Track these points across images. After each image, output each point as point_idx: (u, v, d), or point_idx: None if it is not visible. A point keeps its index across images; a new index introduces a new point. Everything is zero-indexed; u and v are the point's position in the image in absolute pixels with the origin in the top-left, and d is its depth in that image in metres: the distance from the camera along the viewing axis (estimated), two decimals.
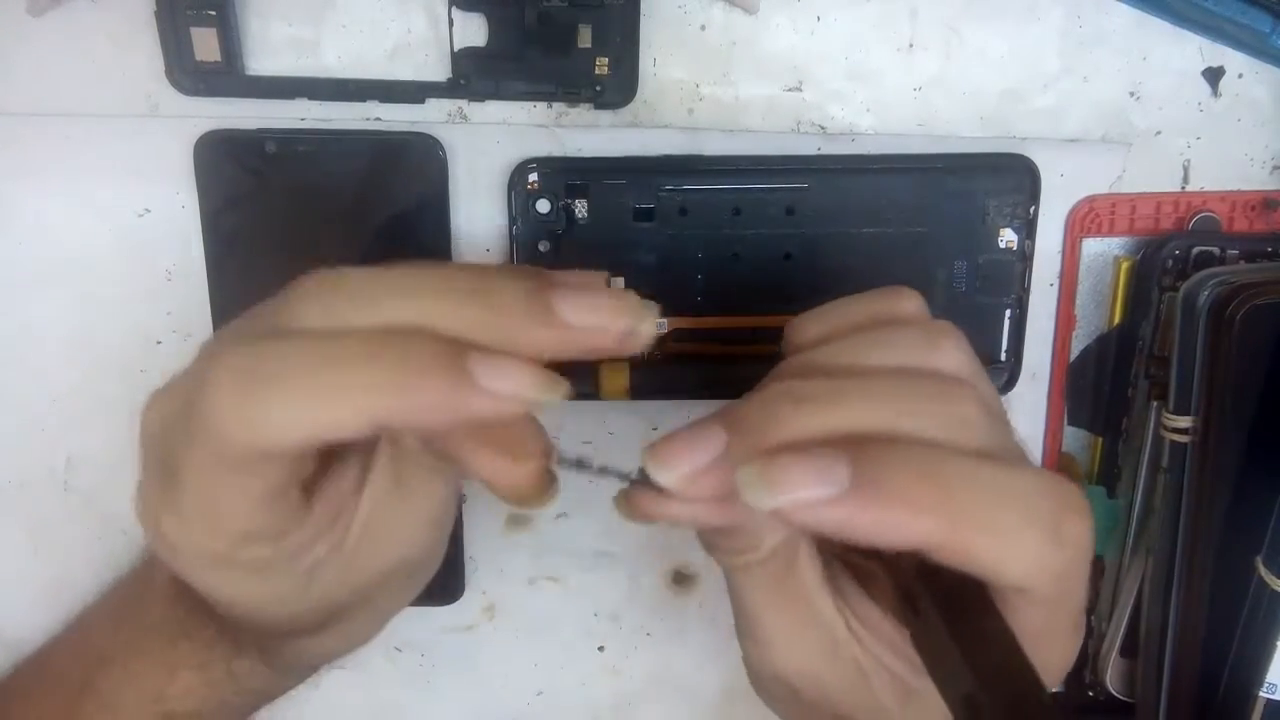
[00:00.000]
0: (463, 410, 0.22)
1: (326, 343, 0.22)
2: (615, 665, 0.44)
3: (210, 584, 0.27)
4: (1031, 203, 0.38)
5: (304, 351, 0.22)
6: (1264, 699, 0.37)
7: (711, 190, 0.37)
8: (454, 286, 0.23)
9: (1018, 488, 0.23)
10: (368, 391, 0.22)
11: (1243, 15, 0.36)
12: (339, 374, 0.22)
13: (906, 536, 0.22)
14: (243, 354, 0.22)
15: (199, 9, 0.34)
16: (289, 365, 0.22)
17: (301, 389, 0.22)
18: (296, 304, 0.23)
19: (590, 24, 0.35)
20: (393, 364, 0.22)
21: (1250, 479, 0.36)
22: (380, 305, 0.23)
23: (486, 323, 0.23)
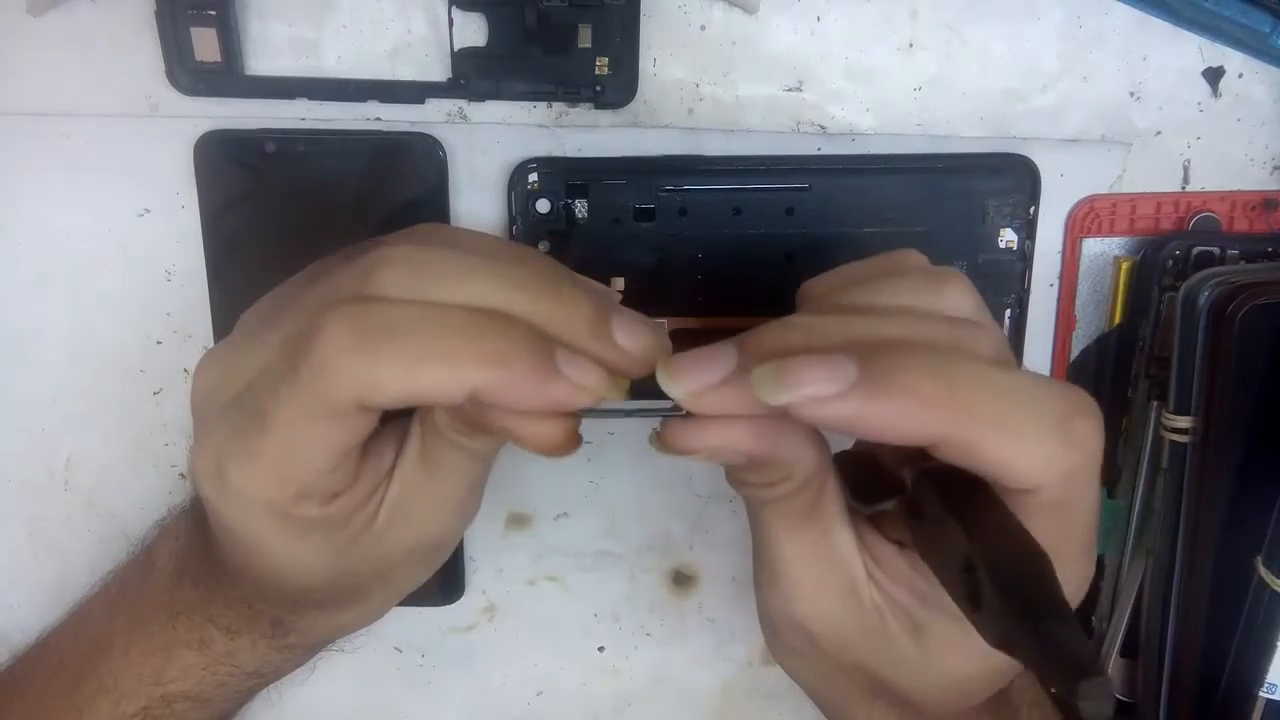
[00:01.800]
0: (545, 395, 0.24)
1: (436, 311, 0.24)
2: (615, 665, 0.44)
3: (259, 538, 0.28)
4: (1031, 203, 0.38)
5: (416, 318, 0.24)
6: (1264, 699, 0.37)
7: (711, 190, 0.37)
8: (531, 282, 0.25)
9: (1026, 387, 0.23)
10: (471, 362, 0.23)
11: (1243, 15, 0.36)
12: (448, 341, 0.24)
13: (915, 430, 0.23)
14: (357, 312, 0.24)
15: (199, 9, 0.34)
16: (403, 328, 0.24)
17: (413, 350, 0.23)
18: (382, 274, 0.25)
19: (590, 24, 0.35)
20: (495, 340, 0.24)
21: (1250, 479, 0.36)
22: (465, 287, 0.25)
23: (561, 322, 0.25)
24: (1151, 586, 0.39)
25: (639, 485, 0.42)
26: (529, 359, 0.24)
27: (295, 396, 0.24)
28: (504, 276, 0.25)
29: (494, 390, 0.24)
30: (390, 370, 0.23)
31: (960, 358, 0.24)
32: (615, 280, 0.38)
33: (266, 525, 0.27)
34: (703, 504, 0.42)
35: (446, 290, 0.25)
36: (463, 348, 0.24)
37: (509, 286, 0.25)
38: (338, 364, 0.24)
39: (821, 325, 0.25)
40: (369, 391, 0.24)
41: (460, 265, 0.25)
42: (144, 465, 0.40)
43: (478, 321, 0.24)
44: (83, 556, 0.40)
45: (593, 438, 0.41)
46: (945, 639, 0.28)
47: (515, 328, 0.24)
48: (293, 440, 0.25)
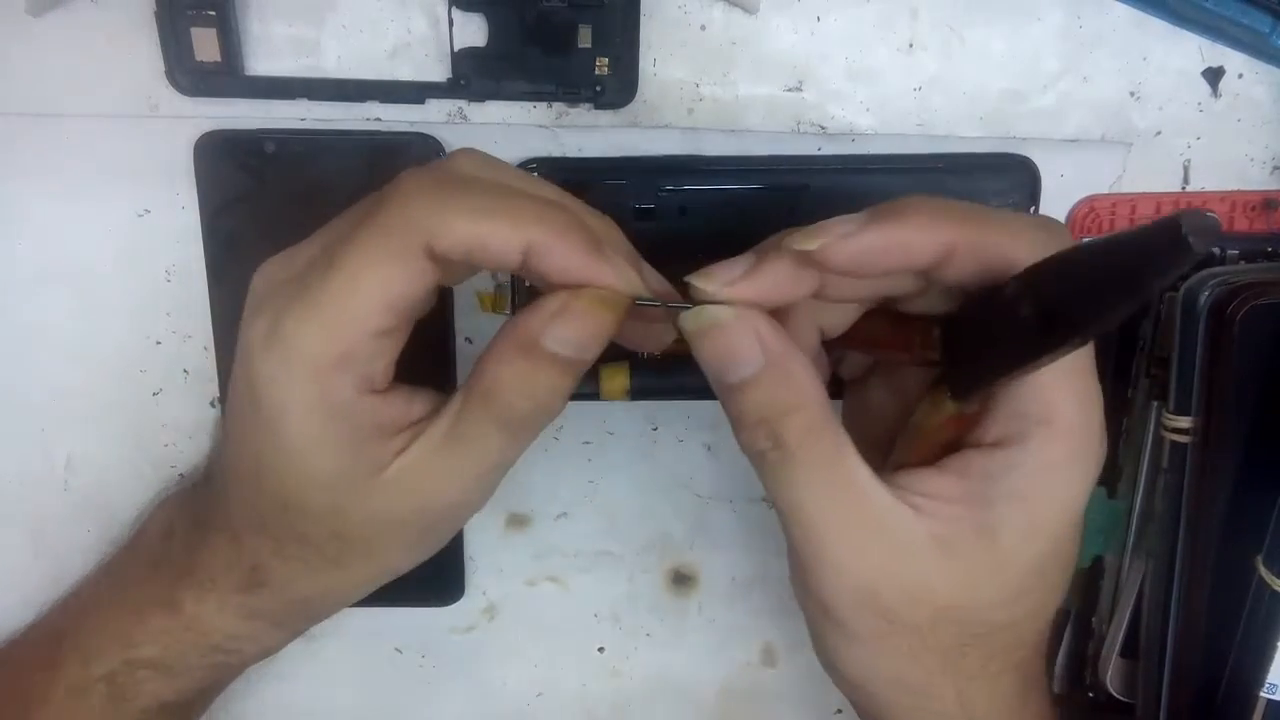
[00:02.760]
0: (592, 267, 0.27)
1: (499, 181, 0.28)
2: (615, 665, 0.44)
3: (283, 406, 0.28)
4: (1031, 203, 0.38)
5: (485, 179, 0.28)
6: (1264, 699, 0.37)
7: (711, 190, 0.37)
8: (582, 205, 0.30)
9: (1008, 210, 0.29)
10: (530, 220, 0.26)
11: (1243, 15, 0.36)
12: (511, 201, 0.27)
13: (930, 245, 0.26)
14: (429, 170, 0.28)
15: (199, 9, 0.34)
16: (472, 184, 0.27)
17: (483, 202, 0.27)
18: (460, 160, 0.29)
19: (590, 24, 0.35)
20: (554, 211, 0.27)
21: (1250, 479, 0.36)
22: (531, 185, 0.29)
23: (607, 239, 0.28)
24: (1151, 586, 0.39)
25: (639, 485, 0.42)
26: (582, 233, 0.27)
27: (369, 234, 0.26)
28: (561, 192, 0.30)
29: (549, 250, 0.26)
30: (460, 213, 0.26)
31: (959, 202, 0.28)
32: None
33: (303, 390, 0.27)
34: (703, 504, 0.42)
35: (514, 180, 0.29)
36: (526, 209, 0.27)
37: (564, 197, 0.29)
38: (415, 200, 0.26)
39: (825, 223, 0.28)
40: (439, 230, 0.26)
41: (525, 173, 0.30)
42: (144, 465, 0.40)
43: (540, 198, 0.28)
44: (83, 556, 0.40)
45: (592, 438, 0.41)
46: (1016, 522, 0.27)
47: (572, 212, 0.28)
48: (358, 278, 0.26)
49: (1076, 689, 0.43)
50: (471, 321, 0.39)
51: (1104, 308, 0.22)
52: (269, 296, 0.28)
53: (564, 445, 0.41)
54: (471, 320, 0.39)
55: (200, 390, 0.39)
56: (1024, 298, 0.24)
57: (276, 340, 0.27)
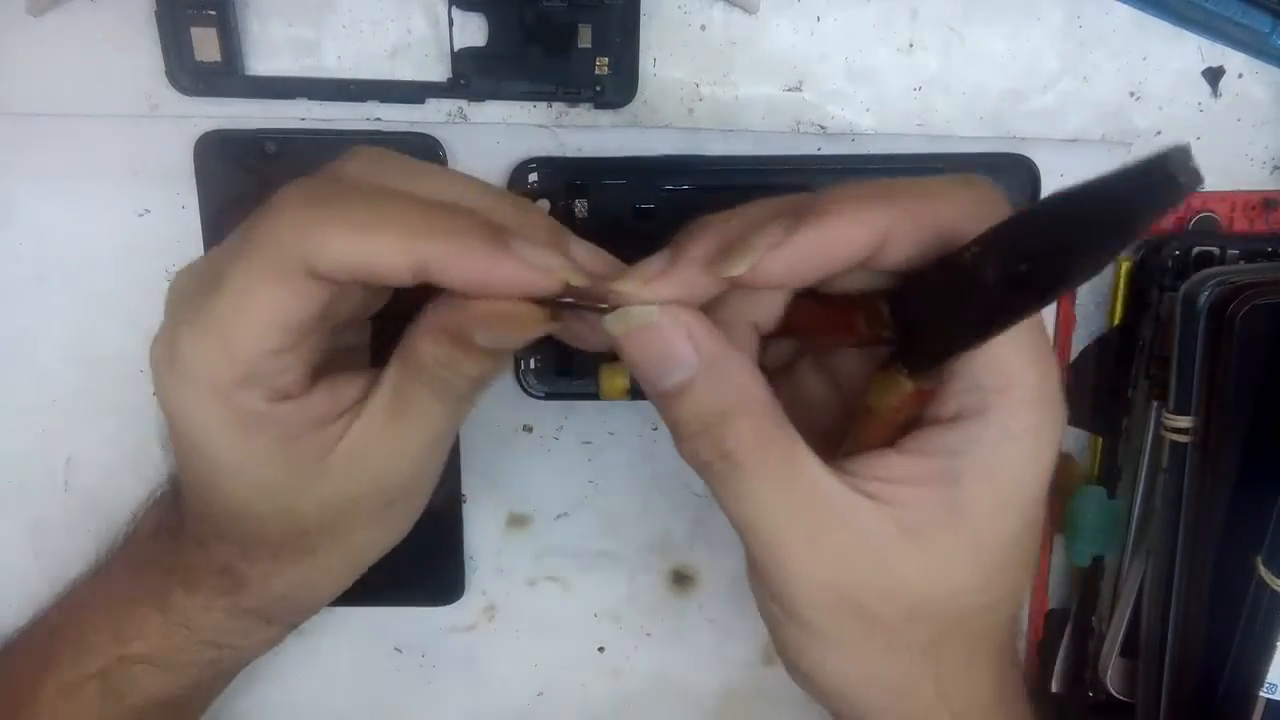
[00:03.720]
0: (496, 273, 0.25)
1: (384, 191, 0.26)
2: (615, 665, 0.44)
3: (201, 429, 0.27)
4: (1031, 203, 0.38)
5: (367, 190, 0.25)
6: (1264, 699, 0.37)
7: (712, 190, 0.37)
8: (492, 192, 0.27)
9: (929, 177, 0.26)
10: (419, 233, 0.24)
11: (1243, 15, 0.36)
12: (397, 212, 0.25)
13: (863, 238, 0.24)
14: (313, 184, 0.26)
15: (199, 9, 0.34)
16: (353, 197, 0.25)
17: (362, 217, 0.24)
18: (349, 164, 0.27)
19: (590, 24, 0.35)
20: (444, 216, 0.25)
21: (1250, 479, 0.36)
22: (424, 182, 0.26)
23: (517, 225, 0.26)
24: (1151, 586, 0.39)
25: (639, 485, 0.42)
26: (481, 235, 0.25)
27: (248, 255, 0.25)
28: (465, 182, 0.27)
29: (444, 263, 0.24)
30: (339, 232, 0.24)
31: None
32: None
33: (212, 411, 0.26)
34: (703, 504, 0.42)
35: (405, 182, 0.26)
36: (415, 219, 0.24)
37: (469, 189, 0.27)
38: (287, 221, 0.24)
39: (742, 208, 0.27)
40: (316, 251, 0.24)
41: (421, 167, 0.27)
42: (144, 465, 0.40)
43: (431, 204, 0.25)
44: (83, 557, 0.40)
45: (593, 438, 0.41)
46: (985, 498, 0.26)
47: (467, 212, 0.25)
48: (243, 301, 0.25)
49: (1076, 689, 0.43)
50: None
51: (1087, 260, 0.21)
52: (170, 311, 0.27)
53: (564, 445, 0.41)
54: None
55: None
56: (987, 262, 0.23)
57: (175, 362, 0.26)
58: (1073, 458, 0.42)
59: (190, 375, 0.26)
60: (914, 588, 0.26)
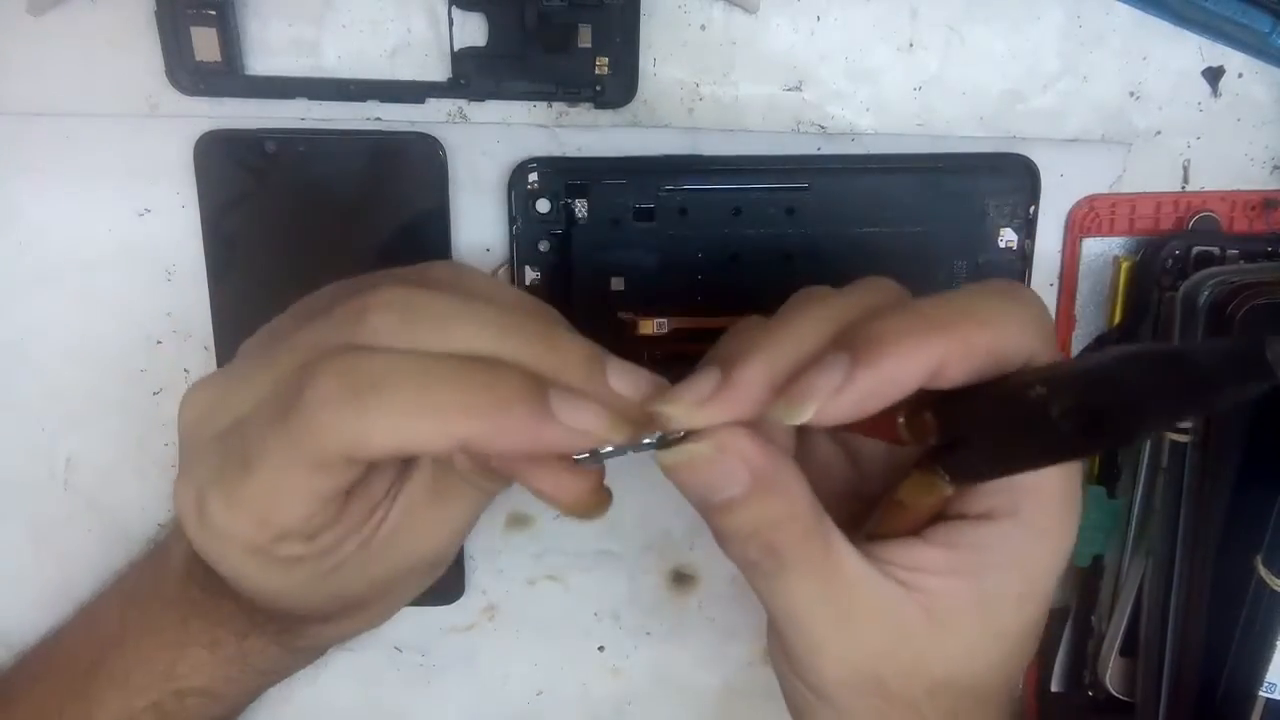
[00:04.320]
0: (540, 441, 0.24)
1: (423, 363, 0.24)
2: (615, 665, 0.44)
3: (239, 572, 0.28)
4: (1031, 203, 0.38)
5: (403, 371, 0.24)
6: (1264, 699, 0.37)
7: (711, 190, 0.37)
8: (525, 326, 0.25)
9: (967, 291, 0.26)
10: (459, 413, 0.24)
11: (1243, 15, 0.36)
12: (435, 394, 0.24)
13: (919, 372, 0.24)
14: (345, 365, 0.24)
15: (199, 9, 0.34)
16: (390, 382, 0.24)
17: (401, 405, 0.24)
18: (372, 320, 0.25)
19: (590, 24, 0.35)
20: (483, 390, 0.24)
21: (1250, 479, 0.36)
22: (455, 332, 0.25)
23: (553, 365, 0.25)
24: (1151, 586, 0.39)
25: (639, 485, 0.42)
26: (519, 406, 0.24)
27: (283, 446, 0.24)
28: (496, 321, 0.25)
29: (485, 440, 0.24)
30: (379, 425, 0.24)
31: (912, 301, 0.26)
32: (615, 280, 0.38)
33: (246, 562, 0.27)
34: None
35: (436, 336, 0.25)
36: (450, 399, 0.24)
37: (501, 331, 0.25)
38: (327, 418, 0.24)
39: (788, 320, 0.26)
40: (357, 446, 0.24)
41: (450, 309, 0.25)
42: (145, 465, 0.40)
43: (466, 370, 0.24)
44: (83, 556, 0.40)
45: None
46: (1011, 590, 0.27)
47: (505, 374, 0.24)
48: (277, 487, 0.25)
49: (1076, 689, 0.43)
50: None
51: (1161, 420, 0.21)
52: (194, 454, 0.27)
53: None
54: None
55: None
56: (1055, 403, 0.22)
57: (205, 520, 0.26)
58: None
59: (222, 534, 0.26)
60: (937, 669, 0.28)
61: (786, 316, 0.26)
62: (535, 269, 0.38)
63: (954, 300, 0.25)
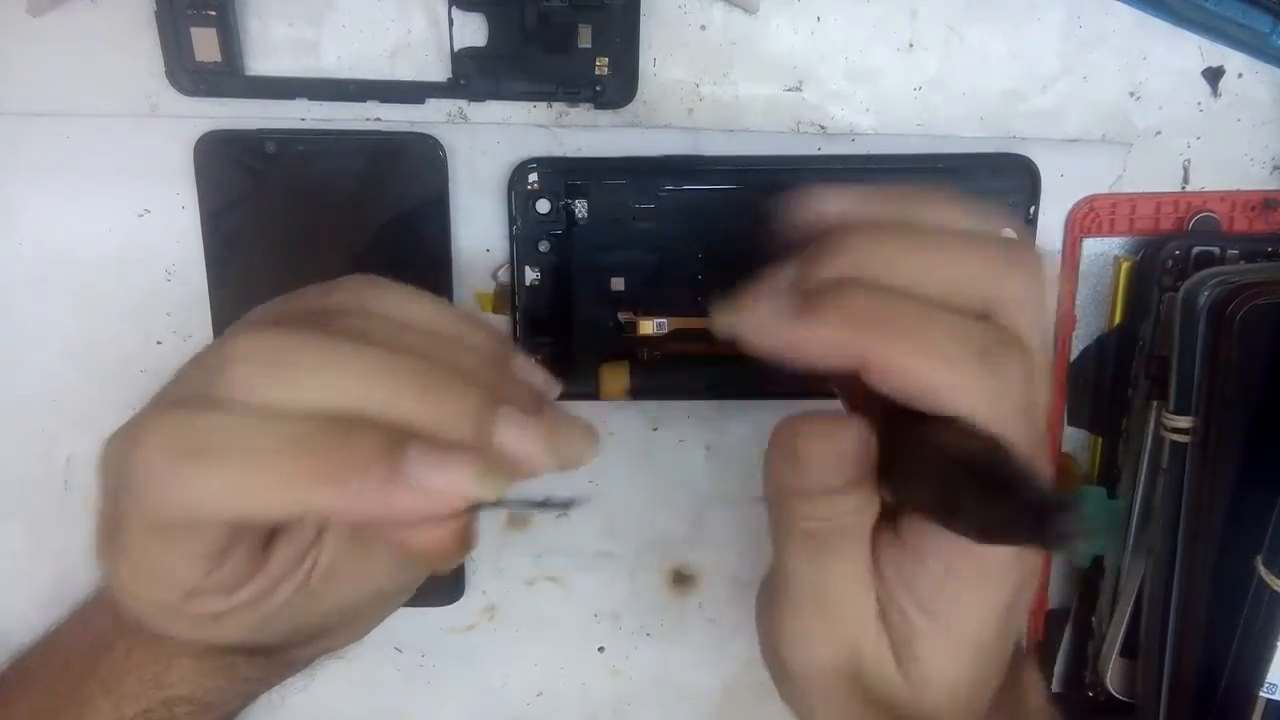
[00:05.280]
0: (394, 508, 0.22)
1: (261, 426, 0.22)
2: (615, 665, 0.44)
3: (166, 630, 0.26)
4: (1031, 203, 0.38)
5: (237, 433, 0.22)
6: (1264, 699, 0.37)
7: (711, 190, 0.37)
8: (400, 378, 0.23)
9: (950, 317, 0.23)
10: (299, 481, 0.21)
11: (1243, 15, 0.36)
12: (271, 461, 0.22)
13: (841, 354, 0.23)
14: (176, 425, 0.22)
15: (199, 9, 0.34)
16: (221, 445, 0.22)
17: (231, 471, 0.22)
18: (234, 371, 0.23)
19: (590, 24, 0.35)
20: (327, 456, 0.22)
21: (1250, 479, 0.36)
22: (320, 384, 0.23)
23: (428, 418, 0.23)
24: (1151, 586, 0.39)
25: (639, 485, 0.42)
26: (366, 472, 0.22)
27: (130, 507, 0.23)
28: (367, 370, 0.23)
29: (332, 509, 0.22)
30: (210, 491, 0.22)
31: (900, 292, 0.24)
32: (615, 280, 0.38)
33: (167, 621, 0.26)
34: (703, 504, 0.42)
35: (293, 392, 0.22)
36: (295, 465, 0.22)
37: (370, 382, 0.23)
38: (149, 486, 0.22)
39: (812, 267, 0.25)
40: (193, 512, 0.22)
41: (316, 359, 0.23)
42: None
43: (316, 434, 0.22)
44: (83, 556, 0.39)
45: None
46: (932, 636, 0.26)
47: (356, 436, 0.22)
48: (145, 553, 0.24)
49: (1076, 689, 0.43)
50: None
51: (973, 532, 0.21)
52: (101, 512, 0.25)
53: None
54: None
55: None
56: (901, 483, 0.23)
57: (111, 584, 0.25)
58: (1073, 458, 0.42)
59: (128, 598, 0.25)
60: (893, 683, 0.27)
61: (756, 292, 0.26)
62: (535, 269, 0.38)
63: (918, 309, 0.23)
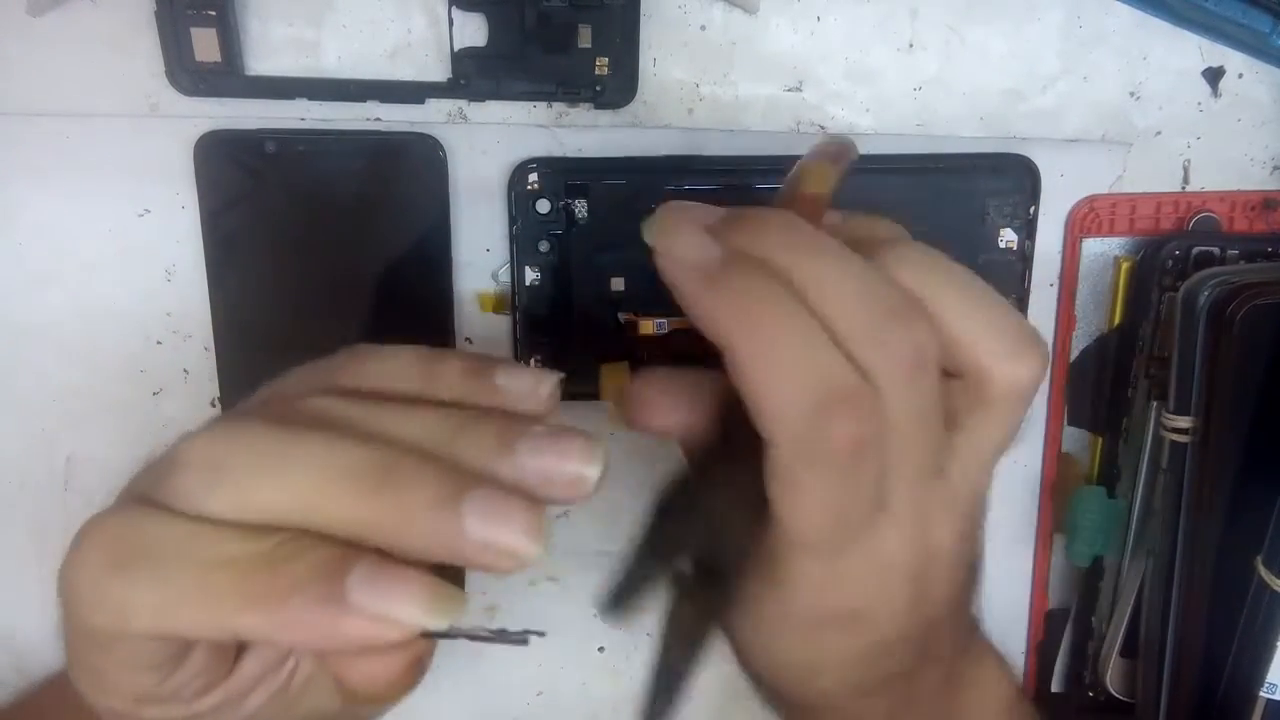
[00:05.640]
0: (332, 636, 0.20)
1: (194, 540, 0.21)
2: (615, 665, 0.44)
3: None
4: (1031, 203, 0.38)
5: (169, 545, 0.21)
6: (1264, 699, 0.37)
7: (711, 190, 0.37)
8: (355, 476, 0.21)
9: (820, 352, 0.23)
10: (231, 604, 0.20)
11: (1243, 15, 0.36)
12: (204, 580, 0.20)
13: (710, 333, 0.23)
14: (111, 532, 0.21)
15: (199, 9, 0.34)
16: (150, 557, 0.21)
17: (157, 586, 0.20)
18: (180, 475, 0.22)
19: (590, 24, 0.35)
20: (268, 576, 0.20)
21: (1250, 479, 0.36)
22: (266, 492, 0.21)
23: (384, 525, 0.21)
24: (1151, 586, 0.39)
25: (639, 485, 0.42)
26: (308, 596, 0.20)
27: (66, 613, 0.22)
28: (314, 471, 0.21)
29: (265, 635, 0.20)
30: (138, 605, 0.20)
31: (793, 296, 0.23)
32: (615, 280, 0.38)
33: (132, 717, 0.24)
34: None
35: (237, 500, 0.21)
36: (227, 585, 0.20)
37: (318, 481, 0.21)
38: (83, 590, 0.21)
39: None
40: (117, 624, 0.21)
41: (262, 465, 0.21)
42: None
43: (253, 551, 0.20)
44: None
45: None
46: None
47: (300, 554, 0.20)
48: (85, 661, 0.23)
49: (1076, 689, 0.43)
50: (472, 322, 0.39)
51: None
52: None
53: None
54: (472, 320, 0.39)
55: (200, 390, 0.39)
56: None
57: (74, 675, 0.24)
58: (1073, 458, 0.42)
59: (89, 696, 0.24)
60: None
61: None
62: (535, 269, 0.38)
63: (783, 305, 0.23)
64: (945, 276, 0.26)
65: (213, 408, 0.39)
